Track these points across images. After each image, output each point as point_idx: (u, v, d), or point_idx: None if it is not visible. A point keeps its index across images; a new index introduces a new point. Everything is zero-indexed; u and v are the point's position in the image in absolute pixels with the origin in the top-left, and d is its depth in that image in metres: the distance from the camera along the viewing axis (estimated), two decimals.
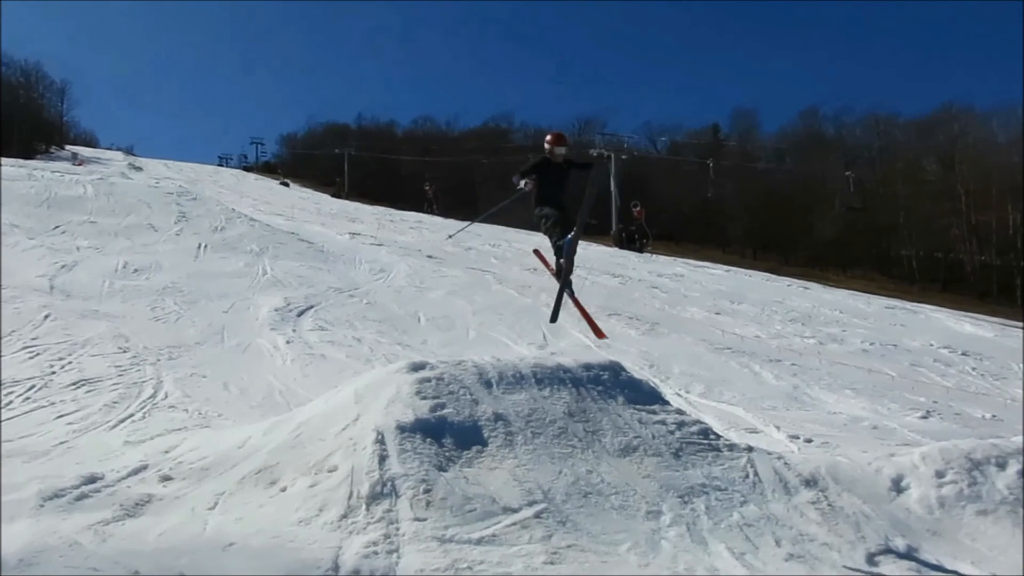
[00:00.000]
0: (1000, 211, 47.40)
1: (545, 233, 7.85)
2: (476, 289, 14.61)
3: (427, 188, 41.93)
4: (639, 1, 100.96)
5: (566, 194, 7.92)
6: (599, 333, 7.32)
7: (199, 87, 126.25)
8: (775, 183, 55.04)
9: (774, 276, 27.66)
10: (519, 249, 22.56)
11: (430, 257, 18.16)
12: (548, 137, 7.85)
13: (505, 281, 15.82)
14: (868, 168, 51.62)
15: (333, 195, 47.37)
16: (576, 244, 7.60)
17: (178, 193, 19.98)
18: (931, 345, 14.42)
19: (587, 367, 5.05)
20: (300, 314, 11.01)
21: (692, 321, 14.20)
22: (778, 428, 7.55)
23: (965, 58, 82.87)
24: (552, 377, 4.78)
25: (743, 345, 12.35)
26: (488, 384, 4.58)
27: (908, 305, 22.45)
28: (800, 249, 50.22)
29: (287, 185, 49.91)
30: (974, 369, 12.77)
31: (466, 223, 8.96)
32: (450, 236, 9.44)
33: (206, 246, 14.99)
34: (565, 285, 7.52)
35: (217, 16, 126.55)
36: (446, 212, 37.94)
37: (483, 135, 69.76)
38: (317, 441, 4.02)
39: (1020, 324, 21.49)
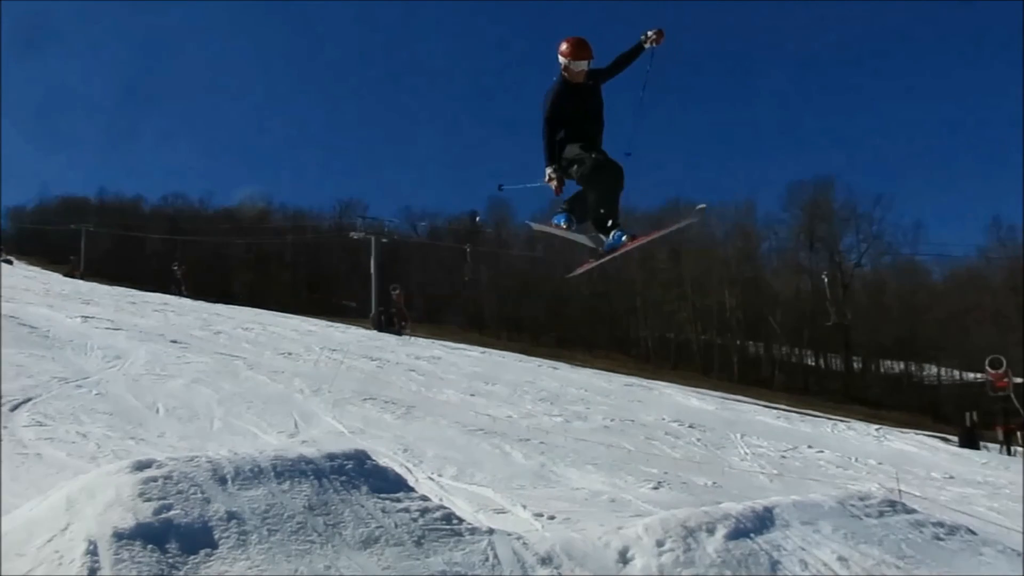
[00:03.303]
0: (719, 296, 53.67)
1: (578, 181, 6.29)
2: (224, 376, 13.85)
3: (175, 268, 39.75)
4: (401, 91, 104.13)
5: (600, 124, 6.30)
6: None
7: None
8: (527, 268, 58.24)
9: (526, 357, 28.94)
10: (273, 333, 21.85)
11: (174, 342, 17.01)
12: (562, 47, 5.96)
13: (257, 367, 15.19)
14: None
15: (66, 274, 43.20)
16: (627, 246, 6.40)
17: None
18: (663, 419, 15.70)
19: (331, 457, 4.96)
20: (14, 408, 9.77)
21: (448, 404, 14.42)
22: (524, 507, 7.78)
23: (688, 159, 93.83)
24: (293, 469, 4.64)
25: (495, 426, 12.70)
26: (223, 480, 4.34)
27: (644, 382, 24.42)
28: (550, 330, 53.21)
29: (10, 263, 44.74)
30: (699, 440, 14.05)
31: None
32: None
33: None
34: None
35: None
36: (196, 294, 36.02)
37: (239, 214, 67.51)
38: (15, 557, 3.56)
39: (736, 397, 24.11)
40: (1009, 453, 20.41)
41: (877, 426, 21.71)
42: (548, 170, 5.98)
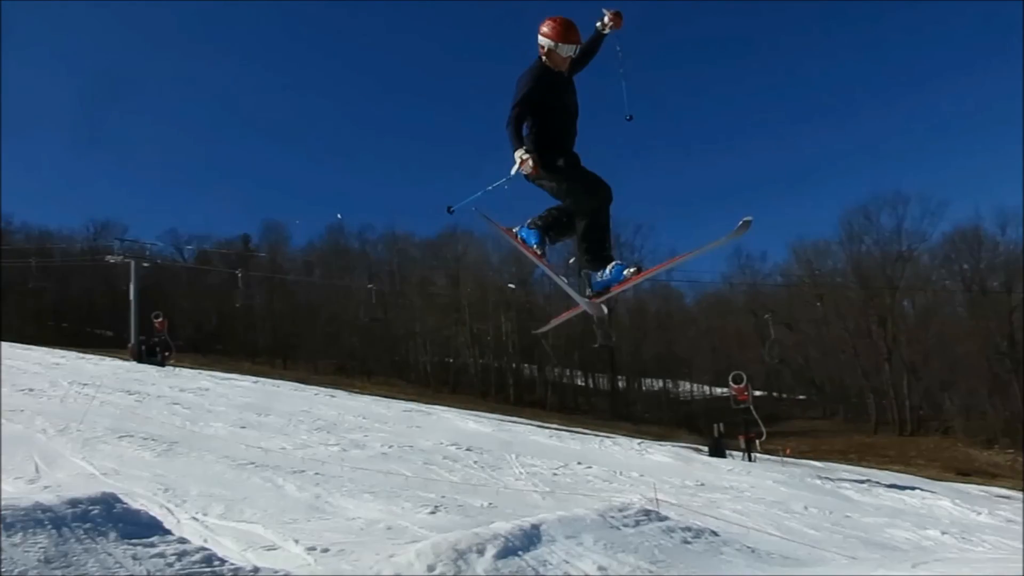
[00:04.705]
0: (495, 321, 55.27)
1: (568, 200, 5.25)
2: None
3: None
4: (162, 101, 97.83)
5: (576, 128, 5.35)
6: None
7: None
8: (304, 294, 56.71)
9: (302, 385, 28.08)
10: (11, 367, 19.64)
11: None
12: (544, 28, 5.12)
13: None
14: (388, 282, 56.09)
15: None
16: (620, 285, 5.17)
17: None
18: (442, 443, 15.84)
19: (73, 503, 4.51)
20: None
21: (215, 438, 13.65)
22: (297, 541, 7.52)
23: (466, 186, 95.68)
24: (27, 519, 4.17)
25: (267, 459, 12.19)
26: None
27: (423, 407, 24.54)
28: (327, 357, 52.05)
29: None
30: (476, 462, 14.31)
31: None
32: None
33: None
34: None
35: None
36: None
37: None
38: None
39: (512, 419, 24.88)
40: (750, 459, 22.68)
41: (639, 440, 23.33)
42: (519, 152, 4.86)
